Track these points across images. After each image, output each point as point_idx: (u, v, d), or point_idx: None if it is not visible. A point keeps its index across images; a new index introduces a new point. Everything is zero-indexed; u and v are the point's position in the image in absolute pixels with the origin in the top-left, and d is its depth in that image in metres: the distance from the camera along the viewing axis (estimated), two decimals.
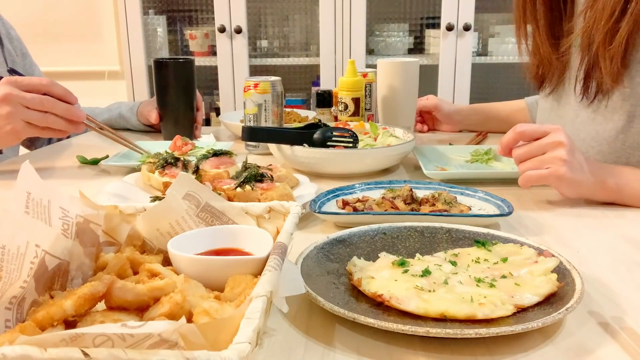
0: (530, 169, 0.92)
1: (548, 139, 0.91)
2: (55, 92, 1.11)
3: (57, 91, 1.11)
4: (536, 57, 1.16)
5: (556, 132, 0.91)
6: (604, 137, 1.04)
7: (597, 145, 1.05)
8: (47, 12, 3.02)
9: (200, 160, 1.04)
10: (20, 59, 1.49)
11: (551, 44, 1.11)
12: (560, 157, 0.89)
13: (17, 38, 1.51)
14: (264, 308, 0.44)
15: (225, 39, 2.63)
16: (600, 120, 1.04)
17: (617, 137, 1.03)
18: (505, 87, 2.98)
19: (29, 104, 1.09)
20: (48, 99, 1.10)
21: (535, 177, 0.91)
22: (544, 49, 1.12)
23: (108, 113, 1.58)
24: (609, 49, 0.97)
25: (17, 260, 0.47)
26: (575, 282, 0.61)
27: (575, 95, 1.08)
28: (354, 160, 1.12)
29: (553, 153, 0.90)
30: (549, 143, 0.90)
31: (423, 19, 2.89)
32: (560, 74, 1.13)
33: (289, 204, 0.66)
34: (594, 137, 1.06)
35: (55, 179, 1.15)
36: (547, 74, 1.16)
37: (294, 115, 1.56)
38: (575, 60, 1.08)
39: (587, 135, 1.07)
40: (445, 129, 1.56)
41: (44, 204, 0.54)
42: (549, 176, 0.90)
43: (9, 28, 1.49)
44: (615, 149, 1.04)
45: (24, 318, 0.48)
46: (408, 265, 0.65)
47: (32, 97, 1.09)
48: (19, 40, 1.51)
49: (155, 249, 0.63)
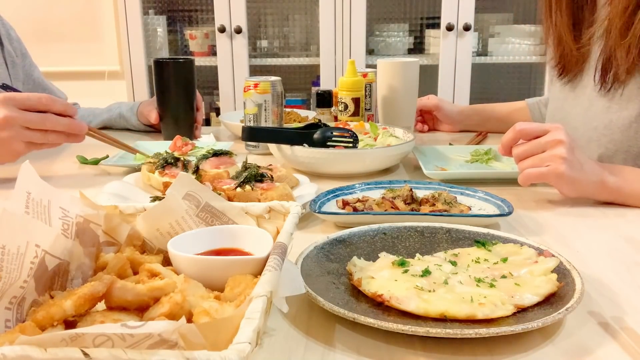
0: (529, 167, 0.92)
1: (548, 137, 0.91)
2: (55, 109, 1.06)
3: (57, 108, 1.07)
4: (558, 48, 1.17)
5: (556, 130, 0.91)
6: (618, 126, 1.05)
7: (610, 133, 1.06)
8: (47, 12, 3.02)
9: (200, 160, 1.04)
10: (20, 60, 1.49)
11: (573, 36, 1.13)
12: (559, 155, 0.89)
13: (17, 39, 1.51)
14: (264, 308, 0.44)
15: (225, 39, 2.63)
16: (615, 109, 1.05)
17: (630, 125, 1.04)
18: (505, 87, 2.99)
19: (30, 125, 1.04)
20: (49, 118, 1.05)
21: (535, 175, 0.91)
22: (566, 39, 1.13)
23: (108, 113, 1.58)
24: (624, 41, 0.99)
25: (17, 260, 0.47)
26: (575, 282, 0.61)
27: (594, 84, 1.09)
28: (354, 160, 1.12)
29: (553, 151, 0.90)
30: (549, 141, 0.91)
31: (423, 19, 2.89)
32: (580, 64, 1.14)
33: (289, 204, 0.66)
34: (607, 126, 1.06)
35: (55, 179, 1.15)
36: (567, 64, 1.17)
37: (294, 115, 1.56)
38: (595, 51, 1.10)
39: (600, 123, 1.08)
40: (446, 129, 1.56)
41: (44, 204, 0.54)
42: (548, 174, 0.90)
43: (9, 28, 1.49)
44: (628, 137, 1.05)
45: (24, 318, 0.48)
46: (408, 265, 0.65)
47: (32, 118, 1.04)
48: (18, 41, 1.51)
49: (155, 249, 0.63)
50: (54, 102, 1.07)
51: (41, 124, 1.05)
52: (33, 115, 1.04)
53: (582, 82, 1.15)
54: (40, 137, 1.06)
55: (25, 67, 1.50)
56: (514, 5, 2.88)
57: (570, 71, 1.16)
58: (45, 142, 1.08)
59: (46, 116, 1.05)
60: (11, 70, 1.44)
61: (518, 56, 2.69)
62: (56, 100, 1.07)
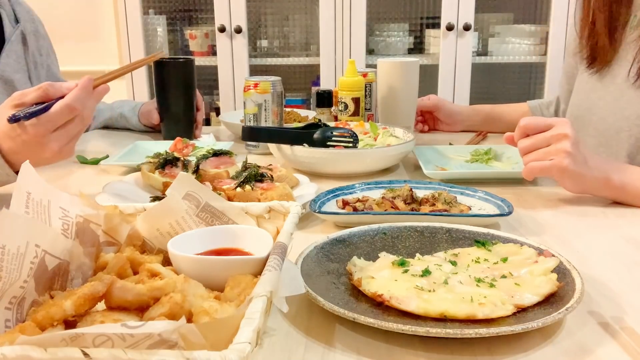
0: (533, 160, 0.92)
1: (553, 131, 0.91)
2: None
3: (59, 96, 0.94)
4: (590, 40, 1.17)
5: (561, 124, 0.91)
6: None
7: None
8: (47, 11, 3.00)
9: (200, 160, 1.04)
10: (45, 58, 1.46)
11: (608, 30, 1.13)
12: (564, 149, 0.89)
13: (44, 35, 1.47)
14: (264, 308, 0.44)
15: (225, 39, 2.63)
16: None
17: None
18: (505, 87, 2.98)
19: (56, 126, 0.92)
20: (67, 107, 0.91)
21: (538, 168, 0.91)
22: (600, 32, 1.14)
23: (110, 111, 1.58)
24: None
25: (17, 260, 0.47)
26: (575, 282, 0.61)
27: (629, 76, 1.08)
28: (354, 160, 1.12)
29: (557, 145, 0.90)
30: (554, 135, 0.91)
31: (423, 19, 2.89)
32: (611, 55, 1.14)
33: (289, 204, 0.66)
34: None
35: (55, 179, 1.15)
36: (599, 55, 1.16)
37: (294, 115, 1.56)
38: (631, 44, 1.09)
39: (633, 113, 1.07)
40: (446, 129, 1.56)
41: (44, 204, 0.54)
42: (552, 167, 0.90)
43: (38, 24, 1.46)
44: None
45: (24, 318, 0.48)
46: (408, 265, 0.65)
47: (55, 116, 0.91)
48: (45, 38, 1.48)
49: (155, 249, 0.63)
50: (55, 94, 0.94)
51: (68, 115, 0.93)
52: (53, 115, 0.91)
53: (611, 72, 1.14)
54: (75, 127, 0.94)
55: (50, 66, 1.48)
56: (514, 5, 2.88)
57: (600, 62, 1.16)
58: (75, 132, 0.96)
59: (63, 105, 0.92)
60: (32, 73, 1.41)
61: (518, 56, 2.69)
62: (56, 92, 0.94)
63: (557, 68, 2.55)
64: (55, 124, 0.91)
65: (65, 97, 0.92)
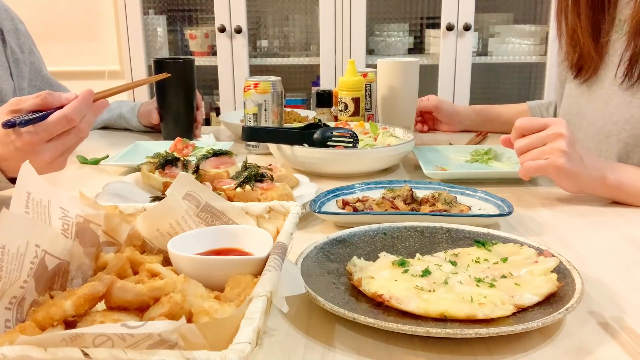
0: (529, 160, 0.92)
1: (548, 130, 0.91)
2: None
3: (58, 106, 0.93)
4: (576, 50, 1.17)
5: (557, 124, 0.91)
6: (639, 120, 1.05)
7: (631, 128, 1.06)
8: (47, 12, 3.02)
9: (200, 160, 1.04)
10: (28, 55, 1.46)
11: (592, 38, 1.12)
12: (559, 148, 0.89)
13: (25, 33, 1.46)
14: (264, 308, 0.44)
15: (225, 39, 2.63)
16: (637, 103, 1.05)
17: None
18: (505, 87, 2.98)
19: (52, 136, 0.90)
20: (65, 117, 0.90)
21: (534, 167, 0.91)
22: (584, 42, 1.13)
23: (108, 113, 1.57)
24: None
25: (17, 260, 0.47)
26: (575, 282, 0.61)
27: (616, 78, 1.08)
28: (354, 160, 1.12)
29: (553, 144, 0.90)
30: (549, 135, 0.91)
31: (423, 19, 2.89)
32: (597, 64, 1.14)
33: (289, 204, 0.66)
34: (628, 120, 1.06)
35: (55, 179, 1.15)
36: (585, 64, 1.16)
37: (294, 115, 1.56)
38: (616, 47, 1.09)
39: (621, 118, 1.07)
40: (446, 129, 1.56)
41: (44, 204, 0.54)
42: (548, 166, 0.90)
43: (18, 22, 1.44)
44: None
45: (24, 318, 0.48)
46: (408, 265, 0.65)
47: (51, 126, 0.89)
48: (27, 36, 1.46)
49: (155, 249, 0.63)
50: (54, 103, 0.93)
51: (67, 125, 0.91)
52: (51, 126, 0.90)
53: (598, 77, 1.14)
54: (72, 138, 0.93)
55: (33, 63, 1.48)
56: (514, 5, 2.88)
57: (587, 71, 1.16)
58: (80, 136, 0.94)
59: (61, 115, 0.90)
60: (14, 69, 1.42)
61: (518, 56, 2.69)
62: (55, 101, 0.93)
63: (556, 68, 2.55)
64: (50, 134, 0.89)
65: (64, 108, 0.90)
